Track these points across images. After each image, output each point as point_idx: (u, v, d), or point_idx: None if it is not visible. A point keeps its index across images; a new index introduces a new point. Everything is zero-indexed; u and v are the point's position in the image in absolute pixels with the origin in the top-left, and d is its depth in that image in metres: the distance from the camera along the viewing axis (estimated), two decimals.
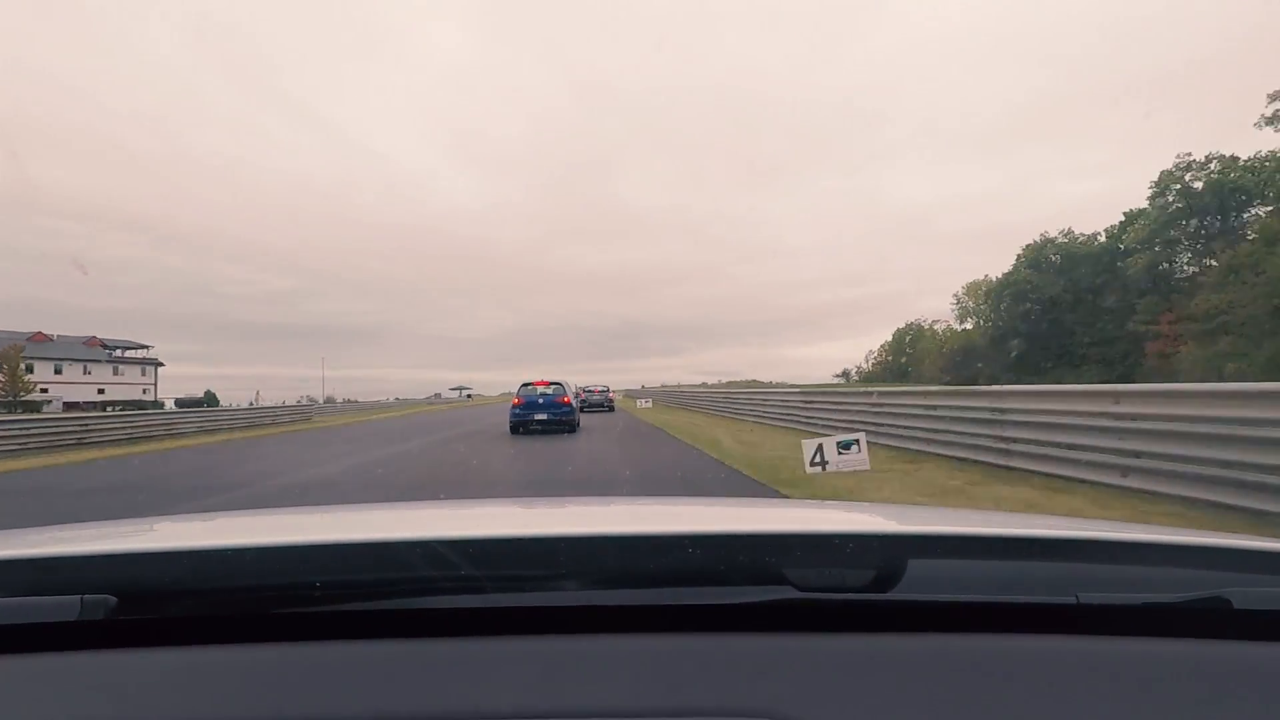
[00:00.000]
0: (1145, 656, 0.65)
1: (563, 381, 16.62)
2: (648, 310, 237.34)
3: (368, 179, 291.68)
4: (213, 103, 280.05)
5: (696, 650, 0.66)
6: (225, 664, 0.66)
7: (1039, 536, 0.81)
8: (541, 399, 16.00)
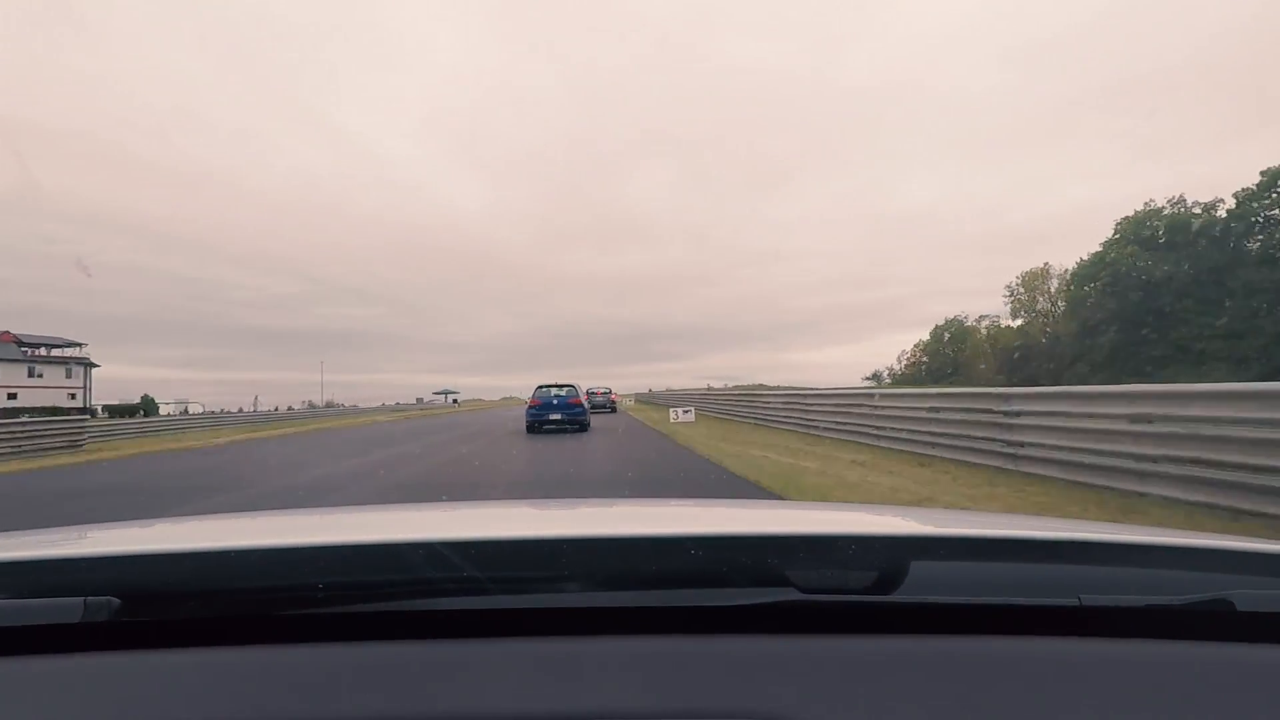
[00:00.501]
0: (1148, 659, 0.66)
1: (574, 384, 18.18)
2: (651, 314, 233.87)
3: (370, 183, 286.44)
4: (213, 106, 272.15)
5: (699, 652, 0.65)
6: (228, 666, 0.65)
7: (1041, 538, 0.82)
8: (556, 400, 17.41)
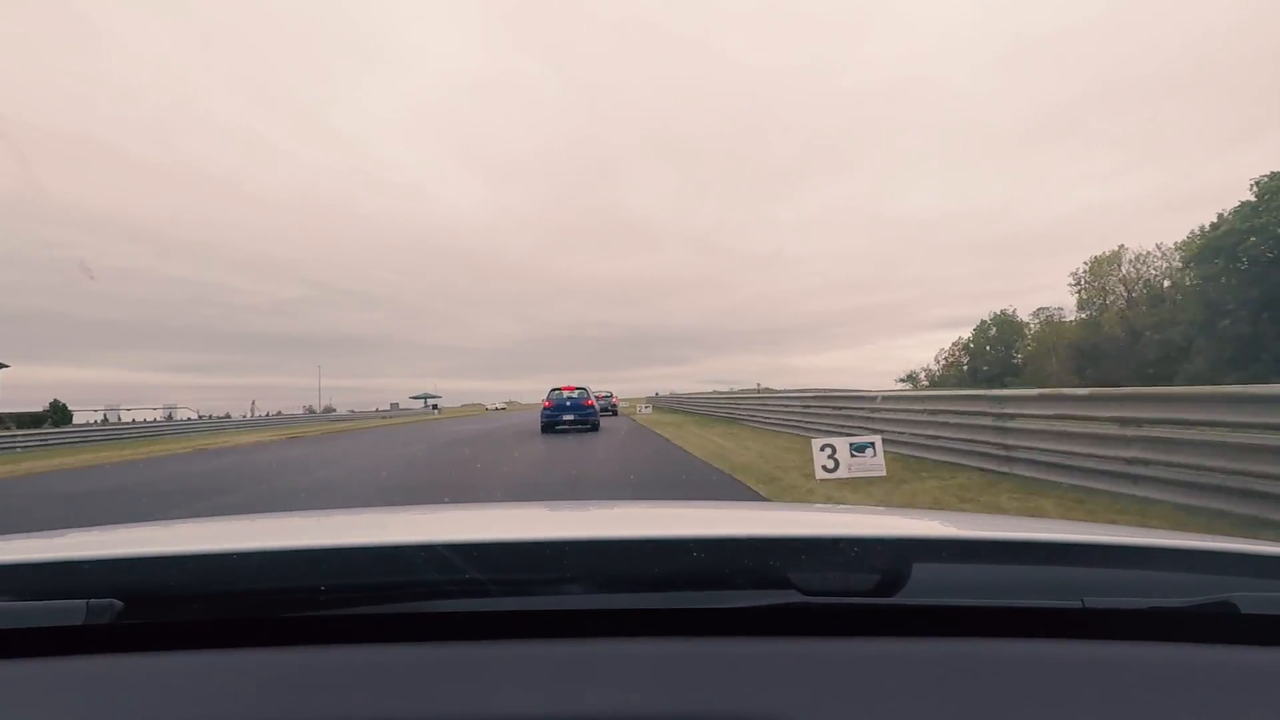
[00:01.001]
0: (1151, 661, 0.65)
1: (585, 387, 19.42)
2: (654, 319, 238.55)
3: (371, 188, 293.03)
4: (214, 110, 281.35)
5: (701, 654, 0.66)
6: (231, 668, 0.66)
7: (1044, 540, 0.81)
8: (569, 402, 18.61)
